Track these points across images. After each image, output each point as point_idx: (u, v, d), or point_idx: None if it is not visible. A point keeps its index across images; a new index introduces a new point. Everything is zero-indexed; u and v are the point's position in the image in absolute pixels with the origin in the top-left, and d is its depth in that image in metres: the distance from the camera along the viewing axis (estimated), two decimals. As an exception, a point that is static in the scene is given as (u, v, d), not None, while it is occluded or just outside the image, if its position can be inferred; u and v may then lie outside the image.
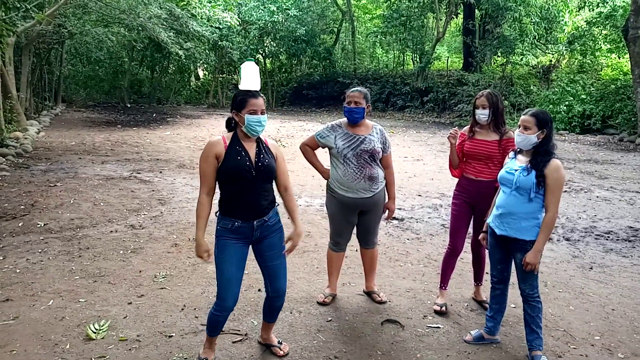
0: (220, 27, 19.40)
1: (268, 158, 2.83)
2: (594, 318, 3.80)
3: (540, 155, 3.02)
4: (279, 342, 3.15)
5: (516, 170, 3.08)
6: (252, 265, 4.51)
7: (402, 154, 11.09)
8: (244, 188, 2.75)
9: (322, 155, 3.79)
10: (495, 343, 3.37)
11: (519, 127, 3.09)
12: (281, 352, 3.09)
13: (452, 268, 3.91)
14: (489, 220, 3.29)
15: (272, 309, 3.04)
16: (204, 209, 2.75)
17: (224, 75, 24.39)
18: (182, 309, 3.67)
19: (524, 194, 3.04)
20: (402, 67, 23.99)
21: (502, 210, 3.13)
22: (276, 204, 2.91)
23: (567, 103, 15.60)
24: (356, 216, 3.80)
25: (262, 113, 2.76)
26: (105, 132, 13.05)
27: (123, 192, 7.03)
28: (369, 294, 4.02)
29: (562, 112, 15.43)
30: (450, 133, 3.79)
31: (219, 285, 2.81)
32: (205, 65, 24.31)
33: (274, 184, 2.92)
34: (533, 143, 3.04)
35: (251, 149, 2.79)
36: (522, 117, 3.11)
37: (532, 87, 17.80)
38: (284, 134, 13.91)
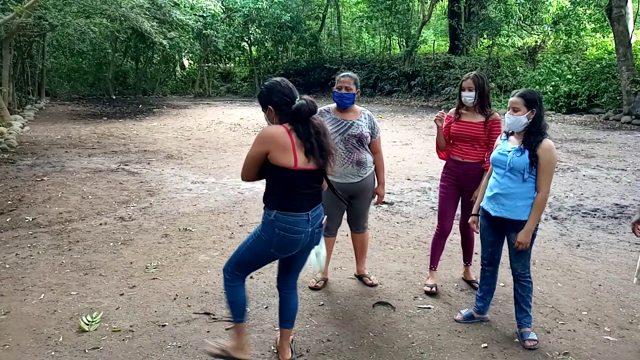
0: (204, 15, 19.16)
1: None
2: (581, 294, 3.87)
3: (532, 135, 3.03)
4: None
5: (509, 151, 3.09)
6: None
7: (391, 138, 11.11)
8: None
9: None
10: (485, 321, 3.43)
11: (509, 110, 3.10)
12: None
13: (441, 249, 3.95)
14: (482, 203, 3.30)
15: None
16: None
17: (210, 64, 24.15)
18: (175, 299, 3.68)
19: (517, 175, 3.05)
20: (388, 52, 23.91)
21: (496, 191, 3.15)
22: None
23: (553, 83, 15.68)
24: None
25: None
26: (91, 124, 12.92)
27: (111, 184, 6.98)
28: (360, 277, 4.05)
29: (549, 93, 15.51)
30: (437, 116, 3.82)
31: None
32: (191, 55, 24.04)
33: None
34: (524, 124, 3.04)
35: None
36: (511, 99, 3.11)
37: (518, 69, 17.84)
38: (272, 122, 13.86)
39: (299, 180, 2.57)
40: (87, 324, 3.26)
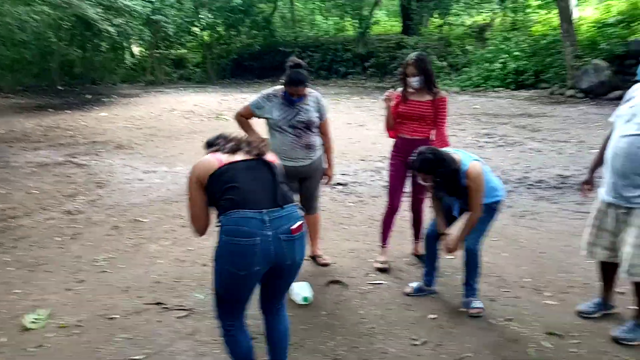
0: (152, 0, 18.58)
1: None
2: (525, 262, 4.04)
3: (452, 186, 3.15)
4: None
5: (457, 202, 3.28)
6: (196, 242, 4.49)
7: (346, 120, 11.14)
8: None
9: (260, 123, 3.77)
10: (433, 294, 3.53)
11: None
12: None
13: (391, 226, 4.03)
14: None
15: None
16: None
17: (161, 50, 23.49)
18: (125, 291, 3.62)
19: None
20: (342, 34, 23.86)
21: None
22: None
23: (501, 60, 16.03)
24: (297, 184, 3.83)
25: None
26: (37, 117, 12.38)
27: (58, 178, 6.75)
28: (314, 258, 4.09)
29: (497, 70, 15.87)
30: (386, 95, 3.87)
31: None
32: (140, 42, 23.30)
33: None
34: (440, 184, 3.17)
35: None
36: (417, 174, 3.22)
37: (468, 47, 18.16)
38: (225, 107, 13.63)
39: (233, 173, 2.28)
40: (34, 322, 3.17)
